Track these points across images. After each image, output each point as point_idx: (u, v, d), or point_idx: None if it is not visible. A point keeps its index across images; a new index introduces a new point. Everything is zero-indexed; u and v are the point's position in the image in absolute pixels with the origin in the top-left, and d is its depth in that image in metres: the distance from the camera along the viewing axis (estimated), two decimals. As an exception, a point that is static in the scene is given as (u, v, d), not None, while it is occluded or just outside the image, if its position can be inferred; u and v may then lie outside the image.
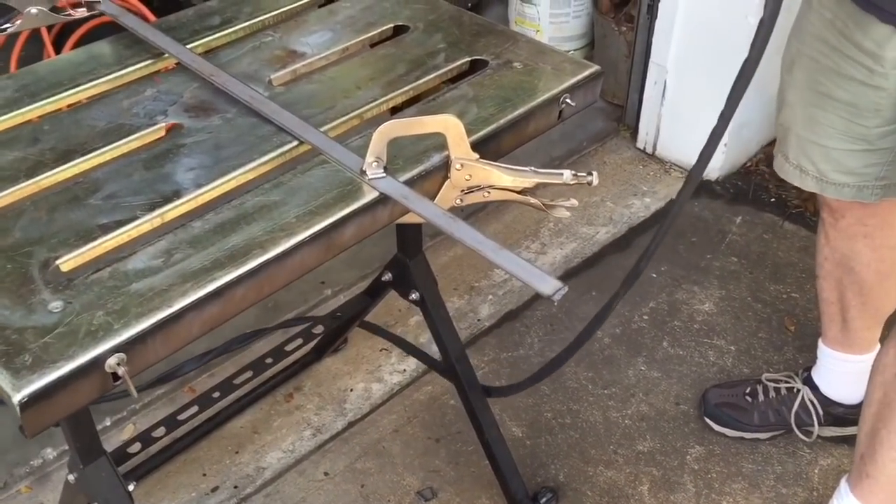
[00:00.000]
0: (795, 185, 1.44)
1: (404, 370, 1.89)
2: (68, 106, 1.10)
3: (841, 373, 1.67)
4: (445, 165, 0.98)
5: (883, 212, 1.43)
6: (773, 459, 1.71)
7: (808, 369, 1.74)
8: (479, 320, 2.03)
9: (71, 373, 0.75)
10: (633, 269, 1.21)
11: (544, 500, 1.61)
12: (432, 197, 0.98)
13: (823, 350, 1.67)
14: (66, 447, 1.68)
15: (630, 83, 2.54)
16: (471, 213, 2.23)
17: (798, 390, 1.71)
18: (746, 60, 1.04)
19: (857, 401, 1.66)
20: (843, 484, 1.47)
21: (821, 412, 1.69)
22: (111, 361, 0.77)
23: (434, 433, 1.77)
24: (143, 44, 1.19)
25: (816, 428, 1.70)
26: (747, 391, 1.75)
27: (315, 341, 1.78)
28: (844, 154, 1.33)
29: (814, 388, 1.70)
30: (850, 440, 1.70)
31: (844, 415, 1.69)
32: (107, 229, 0.89)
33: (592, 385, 1.87)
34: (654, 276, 2.13)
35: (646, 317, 2.03)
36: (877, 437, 1.36)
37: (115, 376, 0.78)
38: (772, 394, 1.73)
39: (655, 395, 1.84)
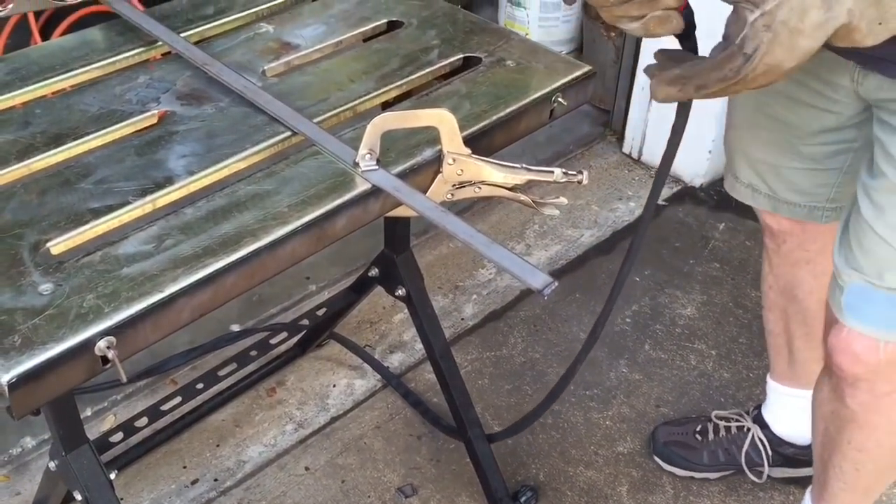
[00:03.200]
0: (748, 204, 1.41)
1: (388, 366, 1.90)
2: (61, 90, 1.10)
3: (791, 408, 1.63)
4: (438, 160, 0.98)
5: (823, 237, 1.40)
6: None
7: (759, 406, 1.70)
8: (462, 319, 2.03)
9: (60, 355, 0.75)
10: (615, 286, 1.19)
11: (524, 498, 1.62)
12: (424, 191, 0.99)
13: (772, 385, 1.64)
14: (46, 436, 1.67)
15: (617, 88, 2.56)
16: (457, 213, 2.24)
17: (748, 429, 1.66)
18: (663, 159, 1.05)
19: (807, 441, 1.61)
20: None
21: (770, 452, 1.65)
22: (101, 344, 0.77)
23: (416, 430, 1.77)
24: (135, 31, 1.19)
25: (766, 469, 1.65)
26: (697, 429, 1.70)
27: (300, 335, 1.78)
28: (795, 172, 1.30)
29: (763, 426, 1.66)
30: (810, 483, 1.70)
31: (795, 455, 1.65)
32: (98, 213, 0.89)
33: (574, 386, 1.88)
34: (638, 279, 2.15)
35: (628, 320, 2.04)
36: (826, 470, 1.37)
37: (105, 360, 0.78)
38: (722, 432, 1.68)
39: (636, 398, 1.85)
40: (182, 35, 1.18)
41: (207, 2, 1.28)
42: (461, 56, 1.18)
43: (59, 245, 0.85)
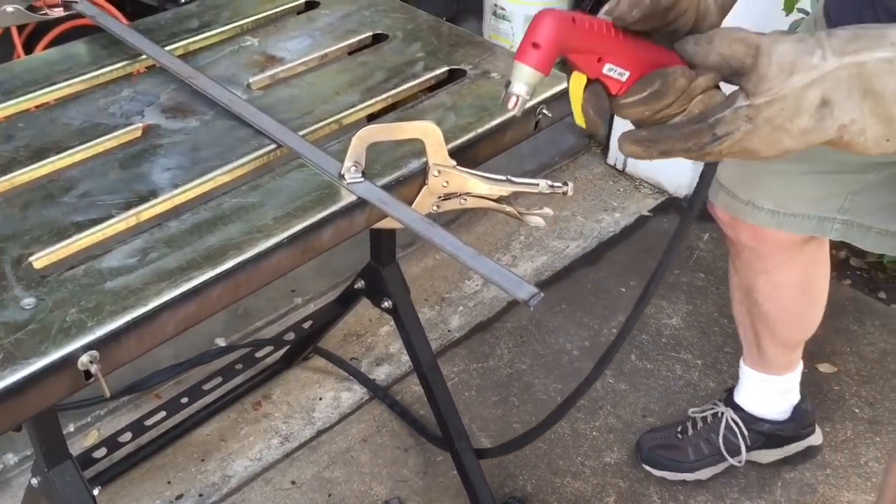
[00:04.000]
0: (748, 222, 1.39)
1: (374, 379, 1.89)
2: (43, 104, 1.09)
3: (763, 391, 1.66)
4: (423, 172, 0.98)
5: (781, 251, 1.42)
6: (738, 472, 1.73)
7: (729, 390, 1.72)
8: (449, 331, 2.03)
9: (43, 369, 0.74)
10: (634, 311, 1.18)
11: (512, 510, 1.62)
12: (410, 203, 0.99)
13: (744, 369, 1.66)
14: (28, 452, 1.65)
15: (602, 100, 2.57)
16: (443, 225, 2.24)
17: (721, 413, 1.69)
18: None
19: (783, 416, 1.67)
20: None
21: (745, 431, 1.67)
22: (84, 359, 0.76)
23: (403, 443, 1.77)
24: (119, 45, 1.19)
25: (743, 446, 1.67)
26: (678, 430, 1.73)
27: (285, 349, 1.77)
28: (806, 179, 1.29)
29: (736, 409, 1.69)
30: (802, 460, 1.73)
31: (774, 431, 1.68)
32: (81, 227, 0.88)
33: (561, 397, 1.87)
34: (623, 290, 2.15)
35: (614, 330, 2.05)
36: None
37: (88, 374, 0.77)
38: (699, 424, 1.71)
39: (623, 408, 1.86)
40: (166, 48, 1.18)
41: (192, 15, 1.28)
42: (446, 69, 1.18)
43: (41, 259, 0.85)
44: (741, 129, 0.69)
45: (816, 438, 1.74)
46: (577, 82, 0.70)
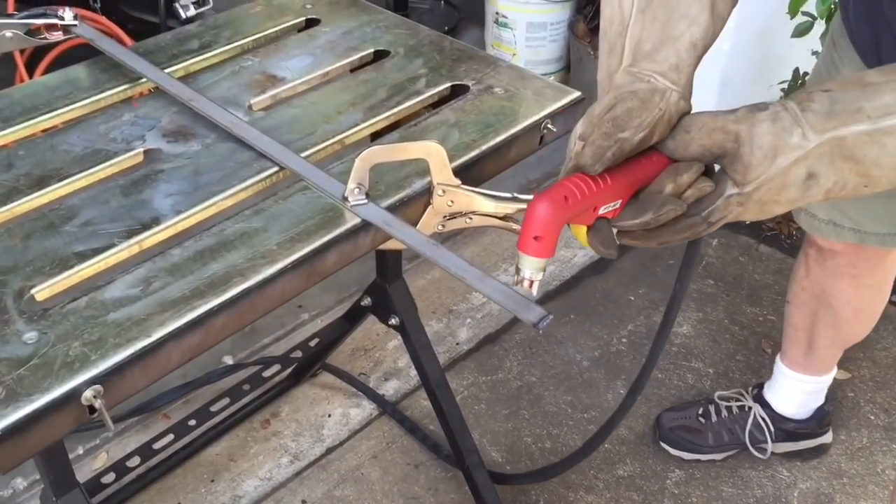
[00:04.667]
0: (831, 240, 1.40)
1: (384, 394, 1.88)
2: (44, 131, 1.09)
3: (797, 392, 1.69)
4: (428, 191, 0.97)
5: (877, 256, 1.43)
6: (753, 483, 1.71)
7: (759, 386, 1.75)
8: (457, 344, 2.02)
9: (46, 406, 0.73)
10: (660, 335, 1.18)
11: (525, 526, 1.60)
12: (414, 223, 0.97)
13: (781, 368, 1.69)
14: (37, 477, 1.64)
15: (606, 107, 2.55)
16: (448, 237, 2.23)
17: (749, 408, 1.72)
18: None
19: (806, 416, 1.71)
20: None
21: (772, 428, 1.71)
22: (87, 394, 0.75)
23: (413, 459, 1.75)
24: (120, 68, 1.18)
25: (770, 445, 1.72)
26: (700, 412, 1.76)
27: (293, 367, 1.76)
28: (884, 203, 1.28)
29: (764, 405, 1.72)
30: (812, 457, 1.73)
31: (796, 430, 1.71)
32: (83, 257, 0.87)
33: (572, 409, 1.86)
34: (632, 298, 2.13)
35: (624, 339, 2.03)
36: None
37: (92, 409, 0.76)
38: (724, 413, 1.74)
39: (635, 419, 1.84)
40: (167, 70, 1.17)
41: (192, 36, 1.27)
42: (449, 85, 1.17)
43: (43, 291, 0.84)
44: (733, 212, 0.72)
45: (828, 437, 1.76)
46: (579, 230, 0.75)
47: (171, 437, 1.56)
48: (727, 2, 0.77)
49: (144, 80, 1.15)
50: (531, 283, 0.73)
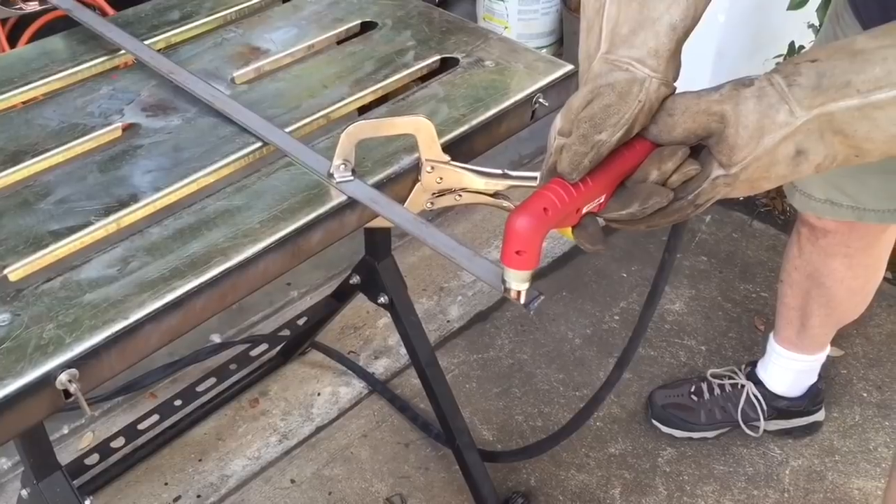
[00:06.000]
0: (828, 218, 1.38)
1: (373, 373, 1.86)
2: (20, 104, 1.05)
3: (790, 370, 1.68)
4: (416, 168, 0.94)
5: (870, 235, 1.41)
6: (745, 461, 1.70)
7: (752, 363, 1.75)
8: (448, 321, 2.00)
9: (19, 391, 0.71)
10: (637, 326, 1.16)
11: (516, 505, 1.59)
12: (402, 200, 0.95)
13: (774, 347, 1.68)
14: (21, 457, 1.62)
15: (599, 81, 2.52)
16: (439, 213, 2.20)
17: (742, 386, 1.72)
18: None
19: (799, 393, 1.71)
20: None
21: (765, 406, 1.70)
22: (62, 378, 0.72)
23: (403, 437, 1.74)
24: (98, 39, 1.14)
25: (762, 423, 1.71)
26: (692, 390, 1.75)
27: (281, 346, 1.74)
28: (883, 179, 1.26)
29: (757, 383, 1.71)
30: (804, 434, 1.74)
31: (788, 407, 1.71)
32: (58, 236, 0.84)
33: (563, 387, 1.85)
34: (625, 275, 2.11)
35: (616, 317, 2.01)
36: None
37: (67, 394, 0.74)
38: (716, 391, 1.73)
39: (627, 397, 1.82)
40: (147, 42, 1.13)
41: (173, 6, 1.23)
42: (438, 57, 1.14)
43: (17, 271, 0.81)
44: (721, 192, 0.70)
45: (820, 415, 1.75)
46: (565, 231, 0.74)
47: (156, 417, 1.54)
48: None
49: (123, 52, 1.12)
50: (518, 293, 0.73)
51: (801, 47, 2.10)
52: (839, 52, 0.66)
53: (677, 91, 0.72)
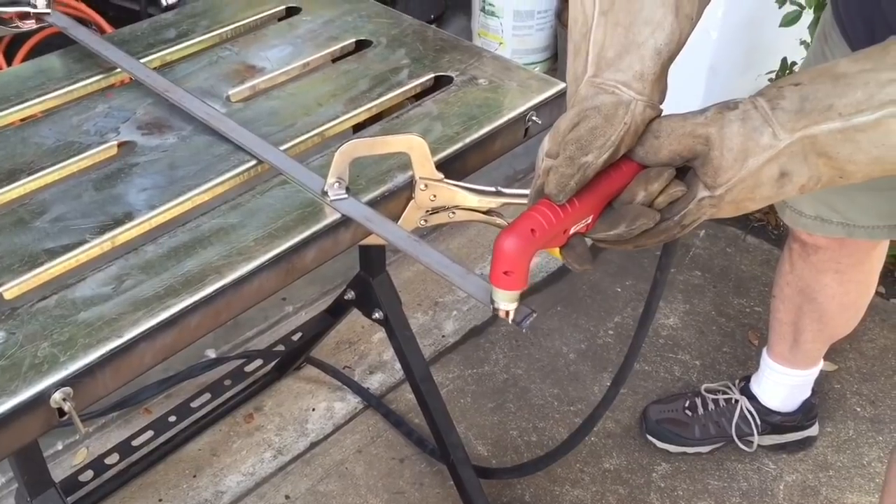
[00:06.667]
0: (818, 234, 1.39)
1: (368, 388, 1.86)
2: (17, 122, 1.06)
3: (783, 385, 1.69)
4: (409, 186, 0.95)
5: (861, 251, 1.42)
6: (739, 476, 1.70)
7: (746, 378, 1.75)
8: (443, 336, 2.00)
9: (13, 409, 0.71)
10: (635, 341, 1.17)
11: (510, 520, 1.59)
12: (396, 218, 0.95)
13: (768, 362, 1.68)
14: (15, 474, 1.62)
15: (593, 96, 2.53)
16: (434, 227, 2.21)
17: (736, 401, 1.72)
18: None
19: (793, 408, 1.71)
20: None
21: (759, 421, 1.71)
22: (56, 396, 0.73)
23: (398, 453, 1.73)
24: (94, 57, 1.15)
25: (756, 437, 1.71)
26: (686, 405, 1.76)
27: (275, 361, 1.74)
28: (872, 197, 1.27)
29: (751, 398, 1.72)
30: (798, 449, 1.74)
31: (782, 422, 1.72)
32: (53, 254, 0.85)
33: (558, 402, 1.85)
34: (619, 290, 2.12)
35: (611, 332, 2.02)
36: None
37: (61, 412, 0.74)
38: (710, 406, 1.74)
39: (622, 412, 1.83)
40: (143, 60, 1.14)
41: (169, 24, 1.24)
42: (432, 76, 1.15)
43: (12, 289, 0.81)
44: (707, 213, 0.71)
45: (814, 430, 1.76)
46: (553, 251, 0.75)
47: (151, 433, 1.54)
48: (696, 1, 0.74)
49: (119, 70, 1.12)
50: (506, 312, 0.74)
51: (794, 63, 2.12)
52: (822, 76, 0.67)
53: (663, 113, 0.73)
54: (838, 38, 1.14)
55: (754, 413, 1.70)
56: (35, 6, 1.18)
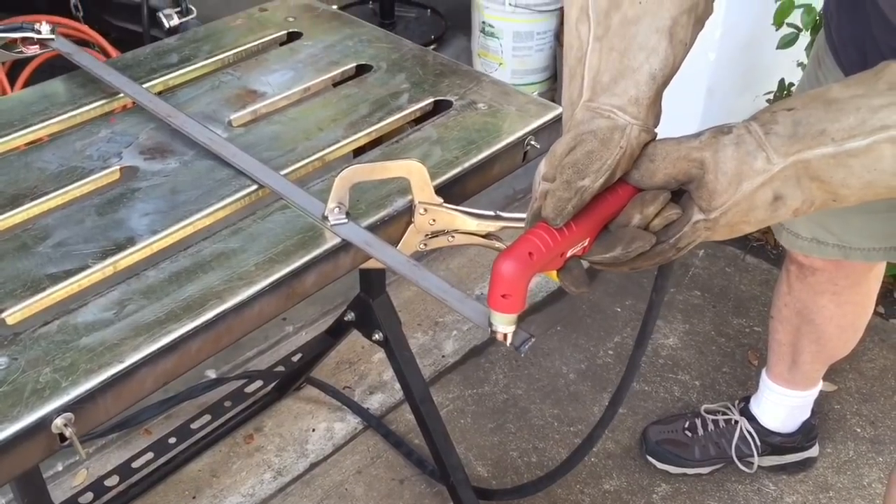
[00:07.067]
0: (814, 256, 1.40)
1: (368, 408, 1.86)
2: (22, 146, 1.07)
3: (783, 406, 1.69)
4: (409, 210, 0.96)
5: (857, 273, 1.42)
6: (740, 497, 1.70)
7: (745, 399, 1.75)
8: (443, 356, 2.00)
9: (15, 435, 0.71)
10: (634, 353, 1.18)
11: (510, 542, 1.59)
12: (395, 242, 0.96)
13: (767, 383, 1.68)
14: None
15: (593, 117, 2.55)
16: (434, 248, 2.22)
17: (736, 422, 1.72)
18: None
19: (792, 429, 1.71)
20: None
21: (759, 442, 1.70)
22: (58, 422, 0.73)
23: (398, 474, 1.73)
24: (97, 82, 1.16)
25: (756, 458, 1.71)
26: (686, 426, 1.76)
27: (275, 382, 1.74)
28: (867, 219, 1.28)
29: (751, 419, 1.72)
30: (798, 470, 1.74)
31: (782, 443, 1.72)
32: (56, 279, 0.85)
33: (558, 422, 1.85)
34: (619, 310, 2.12)
35: (611, 352, 2.02)
36: None
37: (62, 437, 0.74)
38: (710, 427, 1.74)
39: (621, 432, 1.83)
40: (145, 85, 1.15)
41: (171, 50, 1.25)
42: (432, 100, 1.16)
43: (14, 315, 0.82)
44: (702, 236, 0.72)
45: (814, 451, 1.75)
46: (551, 273, 0.76)
47: (150, 455, 1.54)
48: (690, 26, 0.75)
49: (122, 95, 1.13)
50: (504, 335, 0.75)
51: (791, 84, 2.13)
52: (815, 101, 0.68)
53: (658, 137, 0.74)
54: (831, 63, 1.16)
55: (754, 434, 1.70)
56: (39, 32, 1.20)
